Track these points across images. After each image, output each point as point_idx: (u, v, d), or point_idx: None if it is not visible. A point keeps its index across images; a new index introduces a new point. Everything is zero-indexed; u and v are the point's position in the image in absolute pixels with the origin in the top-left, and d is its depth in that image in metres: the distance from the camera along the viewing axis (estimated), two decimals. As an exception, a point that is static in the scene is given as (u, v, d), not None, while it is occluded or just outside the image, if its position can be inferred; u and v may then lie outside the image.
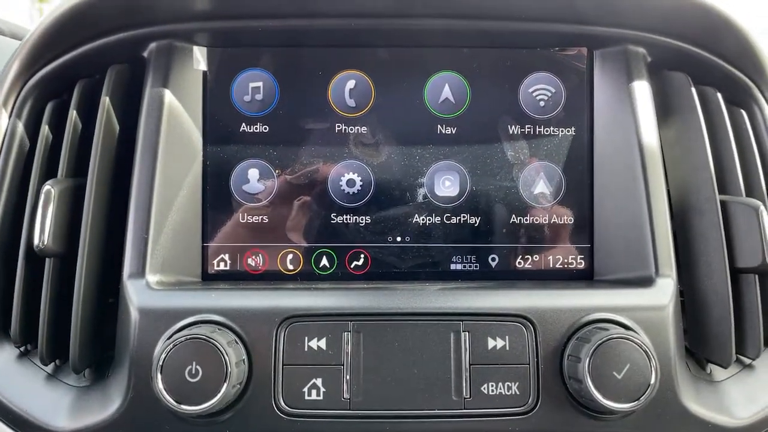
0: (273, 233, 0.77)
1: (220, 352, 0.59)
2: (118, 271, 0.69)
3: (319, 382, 0.63)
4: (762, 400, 0.69)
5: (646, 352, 0.61)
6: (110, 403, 0.64)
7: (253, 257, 0.77)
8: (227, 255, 0.77)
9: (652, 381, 0.60)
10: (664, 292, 0.68)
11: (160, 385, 0.59)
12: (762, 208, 0.71)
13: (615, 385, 0.60)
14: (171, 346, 0.59)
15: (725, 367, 0.70)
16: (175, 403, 0.59)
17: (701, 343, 0.72)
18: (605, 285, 0.73)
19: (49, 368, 0.70)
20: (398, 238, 0.78)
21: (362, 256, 0.77)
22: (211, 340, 0.59)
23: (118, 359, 0.67)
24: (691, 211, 0.74)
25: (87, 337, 0.68)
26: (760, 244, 0.71)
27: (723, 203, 0.73)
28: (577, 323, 0.65)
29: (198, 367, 0.59)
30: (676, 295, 0.69)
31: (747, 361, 0.73)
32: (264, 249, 0.77)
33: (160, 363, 0.59)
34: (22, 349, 0.71)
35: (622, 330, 0.62)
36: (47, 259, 0.69)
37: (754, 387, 0.70)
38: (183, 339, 0.59)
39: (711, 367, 0.73)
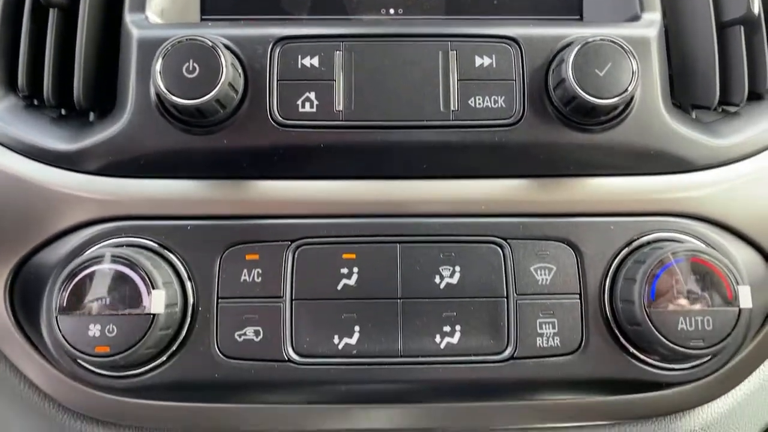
0: (268, 3, 0.79)
1: (216, 52, 0.61)
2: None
3: (312, 95, 0.65)
4: (745, 133, 0.71)
5: (627, 51, 0.62)
6: (114, 126, 0.67)
7: (251, 28, 0.79)
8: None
9: (635, 68, 0.62)
10: (650, 24, 0.70)
11: (159, 79, 0.61)
12: (748, -40, 0.73)
13: (597, 81, 0.62)
14: (169, 46, 0.62)
15: (710, 108, 0.72)
16: (167, 93, 0.61)
17: (687, 90, 0.74)
18: (593, 23, 0.75)
19: (55, 115, 0.73)
20: (391, 11, 0.79)
21: (357, 26, 0.79)
22: (207, 42, 0.62)
23: (120, 90, 0.69)
24: (677, -31, 0.75)
25: (90, 74, 0.70)
26: (745, -7, 0.72)
27: (709, -38, 0.74)
28: (562, 44, 0.66)
29: (195, 65, 0.61)
30: (662, 31, 0.71)
31: (732, 109, 0.74)
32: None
33: (161, 55, 0.61)
34: (27, 101, 0.74)
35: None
36: (51, 11, 0.72)
37: (739, 125, 0.72)
38: (181, 39, 0.62)
39: (696, 113, 0.74)
